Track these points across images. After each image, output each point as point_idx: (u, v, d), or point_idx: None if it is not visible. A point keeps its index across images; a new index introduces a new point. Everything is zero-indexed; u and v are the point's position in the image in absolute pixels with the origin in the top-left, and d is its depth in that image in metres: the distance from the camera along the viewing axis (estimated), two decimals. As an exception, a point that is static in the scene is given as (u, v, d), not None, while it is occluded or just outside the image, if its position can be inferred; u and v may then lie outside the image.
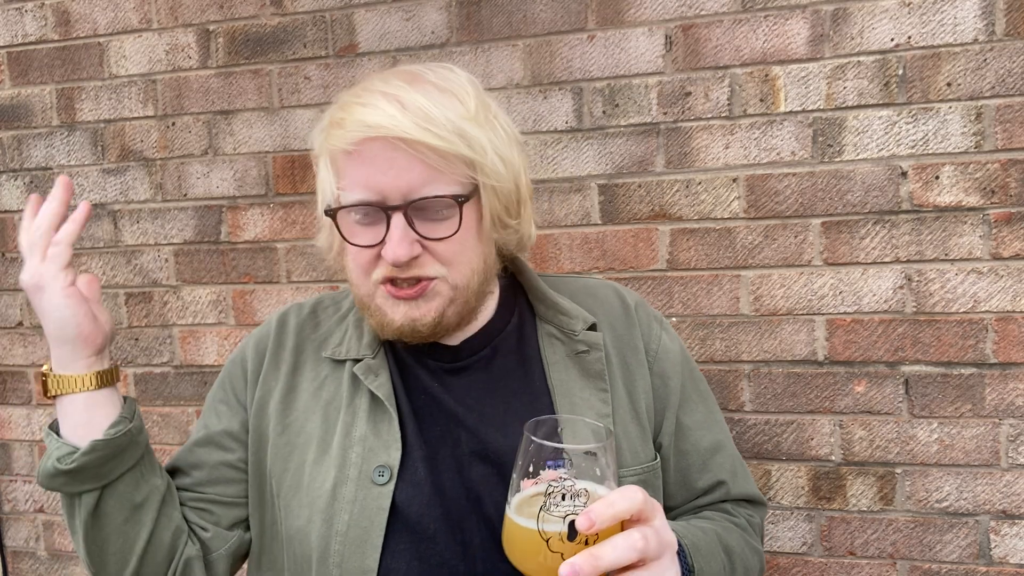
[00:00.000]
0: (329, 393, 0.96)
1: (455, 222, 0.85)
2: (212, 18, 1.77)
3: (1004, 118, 1.40)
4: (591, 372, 0.95)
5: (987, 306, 1.44)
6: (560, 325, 0.97)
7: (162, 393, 1.88)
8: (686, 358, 1.04)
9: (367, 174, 0.84)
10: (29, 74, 1.89)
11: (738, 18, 1.50)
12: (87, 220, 0.93)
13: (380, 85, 0.85)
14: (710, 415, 1.04)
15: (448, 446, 0.91)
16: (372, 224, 0.86)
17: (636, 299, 1.05)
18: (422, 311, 0.87)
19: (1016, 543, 1.46)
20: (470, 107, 0.85)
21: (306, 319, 1.04)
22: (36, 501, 2.00)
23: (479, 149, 0.84)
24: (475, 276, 0.90)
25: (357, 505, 0.87)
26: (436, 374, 0.96)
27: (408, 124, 0.80)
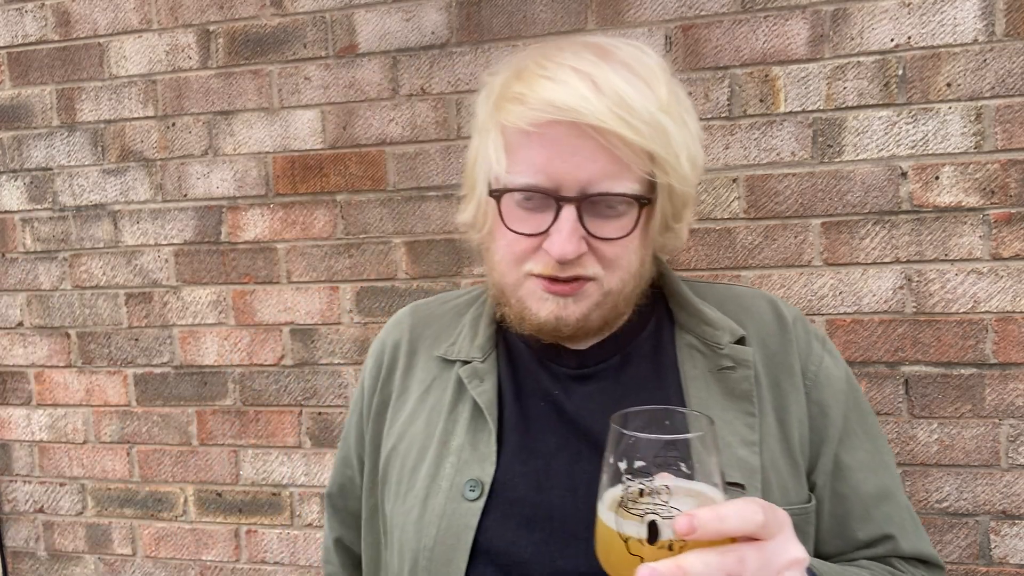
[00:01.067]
0: (435, 396, 0.89)
1: (629, 223, 0.76)
2: (212, 18, 1.77)
3: (1004, 118, 1.40)
4: (736, 392, 0.83)
5: (987, 306, 1.44)
6: (703, 336, 0.86)
7: (162, 393, 1.88)
8: (852, 386, 0.90)
9: (546, 158, 0.75)
10: (29, 74, 1.89)
11: (738, 18, 1.50)
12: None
13: (570, 58, 0.76)
14: (877, 455, 0.88)
15: (565, 461, 0.81)
16: (536, 211, 0.77)
17: (795, 313, 0.91)
18: (570, 311, 0.78)
19: (1016, 543, 1.46)
20: (663, 97, 0.75)
21: (422, 315, 0.98)
22: (36, 501, 2.01)
23: (673, 148, 0.75)
24: (630, 281, 0.81)
25: (445, 520, 0.80)
26: (559, 379, 0.86)
27: (603, 110, 0.71)
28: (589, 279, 0.78)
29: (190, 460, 1.88)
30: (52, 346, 1.95)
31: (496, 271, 0.83)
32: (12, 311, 1.97)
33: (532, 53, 0.80)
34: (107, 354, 1.91)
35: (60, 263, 1.92)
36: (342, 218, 1.74)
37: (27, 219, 1.93)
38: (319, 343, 1.78)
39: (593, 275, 0.78)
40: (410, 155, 1.69)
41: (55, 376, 1.96)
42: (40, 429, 1.98)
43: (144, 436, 1.91)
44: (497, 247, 0.82)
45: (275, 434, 1.83)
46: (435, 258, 1.69)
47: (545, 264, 0.77)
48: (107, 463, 1.94)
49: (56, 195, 1.90)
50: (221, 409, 1.85)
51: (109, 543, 1.96)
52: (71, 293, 1.92)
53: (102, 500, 1.95)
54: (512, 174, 0.77)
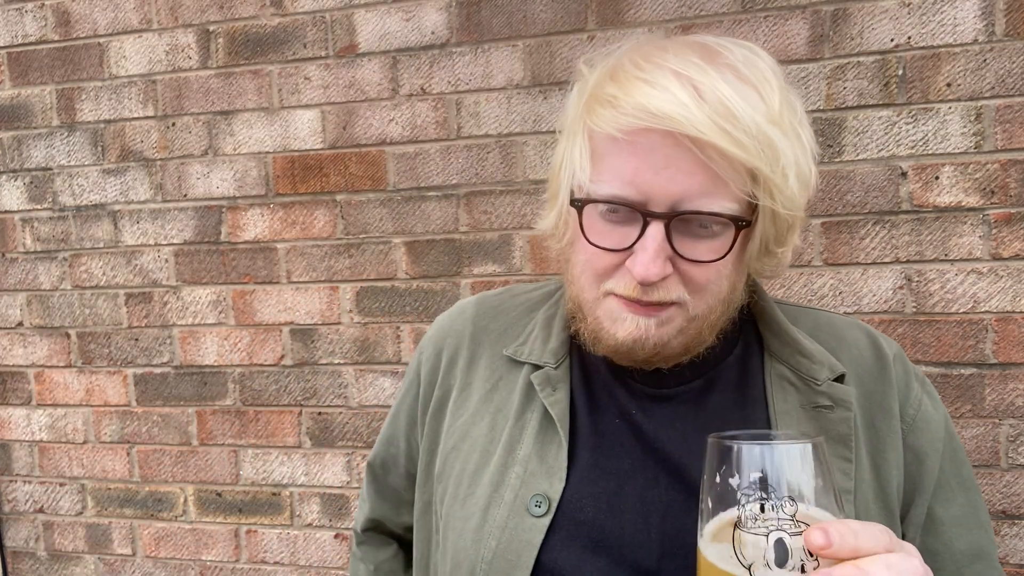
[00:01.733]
0: (501, 397, 0.84)
1: (723, 246, 0.69)
2: (212, 18, 1.77)
3: (1004, 118, 1.40)
4: (832, 434, 0.75)
5: (987, 306, 1.44)
6: (797, 368, 0.79)
7: (162, 393, 1.88)
8: (950, 433, 0.83)
9: (635, 169, 0.68)
10: (29, 74, 1.89)
11: (738, 18, 1.50)
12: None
13: (672, 60, 0.68)
14: (973, 511, 0.82)
15: (639, 485, 0.75)
16: (621, 224, 0.70)
17: (896, 350, 0.84)
18: (651, 333, 0.72)
19: (1016, 543, 1.46)
20: (774, 107, 0.68)
21: (488, 307, 0.91)
22: (36, 501, 2.01)
23: (780, 167, 0.67)
24: (718, 307, 0.74)
25: (507, 533, 0.75)
26: (637, 397, 0.80)
27: (703, 120, 0.64)
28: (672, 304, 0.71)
29: (190, 460, 1.88)
30: (52, 346, 1.95)
31: (575, 285, 0.77)
32: (12, 311, 1.97)
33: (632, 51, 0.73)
34: (107, 354, 1.91)
35: (60, 263, 1.92)
36: (342, 218, 1.74)
37: (27, 219, 1.93)
38: (319, 343, 1.78)
39: (678, 299, 0.71)
40: (410, 155, 1.69)
41: (55, 376, 1.96)
42: (40, 429, 1.98)
43: (144, 436, 1.91)
44: (577, 260, 0.76)
45: (275, 434, 1.83)
46: (435, 258, 1.69)
47: (627, 285, 0.71)
48: (107, 463, 1.94)
49: (56, 195, 1.91)
50: (221, 409, 1.85)
51: (109, 543, 1.96)
52: (71, 293, 1.92)
53: (102, 500, 1.95)
54: (597, 183, 0.70)
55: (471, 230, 1.67)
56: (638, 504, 0.74)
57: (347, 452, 1.78)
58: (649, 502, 0.74)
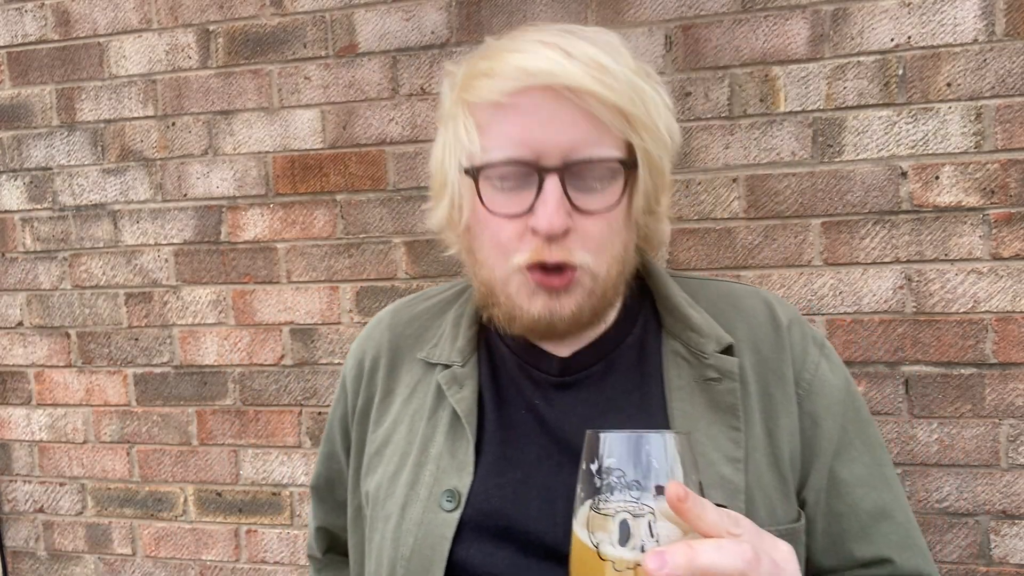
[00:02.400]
0: (418, 400, 0.86)
1: (616, 192, 0.72)
2: (212, 18, 1.77)
3: (1004, 118, 1.40)
4: (721, 405, 0.78)
5: (987, 306, 1.44)
6: (688, 343, 0.81)
7: (162, 393, 1.88)
8: (851, 395, 0.84)
9: (522, 127, 0.71)
10: (29, 74, 1.89)
11: (738, 18, 1.50)
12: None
13: (534, 34, 0.75)
14: (877, 469, 0.83)
15: (544, 473, 0.78)
16: (517, 190, 0.72)
17: (792, 315, 0.85)
18: (563, 304, 0.74)
19: (1016, 543, 1.46)
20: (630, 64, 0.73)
21: (403, 314, 0.94)
22: (36, 501, 2.01)
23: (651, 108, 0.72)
24: (615, 265, 0.77)
25: (422, 529, 0.78)
26: (541, 387, 0.82)
27: (578, 72, 0.69)
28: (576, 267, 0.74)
29: (190, 460, 1.88)
30: (52, 346, 1.95)
31: (484, 268, 0.79)
32: (12, 311, 1.97)
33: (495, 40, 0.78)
34: (107, 354, 1.91)
35: (60, 263, 1.92)
36: (342, 218, 1.74)
37: (27, 219, 1.93)
38: (319, 343, 1.78)
39: (580, 262, 0.73)
40: (410, 155, 1.69)
41: (55, 376, 1.96)
42: (40, 429, 1.98)
43: (144, 436, 1.91)
44: (481, 242, 0.78)
45: (275, 434, 1.83)
46: (435, 258, 1.69)
47: (533, 249, 0.73)
48: (107, 463, 1.94)
49: (56, 195, 1.90)
50: (221, 409, 1.85)
51: (109, 543, 1.96)
52: (71, 293, 1.92)
53: (102, 500, 1.95)
54: (487, 151, 0.73)
55: (471, 230, 1.67)
56: (544, 491, 0.76)
57: (347, 452, 1.78)
58: (554, 488, 0.76)
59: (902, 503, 0.84)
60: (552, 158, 0.71)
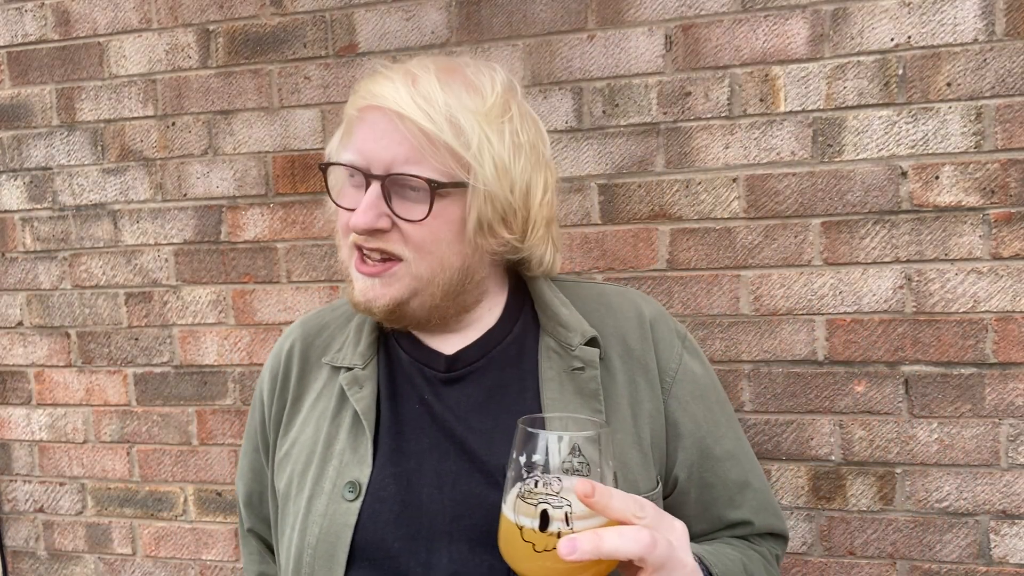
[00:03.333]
0: (324, 403, 0.94)
1: (426, 207, 0.82)
2: (212, 18, 1.77)
3: (1004, 118, 1.40)
4: (586, 391, 0.88)
5: (987, 306, 1.44)
6: (558, 337, 0.91)
7: (162, 393, 1.88)
8: (712, 382, 0.96)
9: (362, 138, 0.84)
10: (29, 74, 1.89)
11: (738, 18, 1.50)
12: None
13: (413, 65, 0.86)
14: (739, 444, 0.96)
15: (434, 460, 0.87)
16: (359, 189, 0.86)
17: (655, 312, 0.96)
18: (378, 292, 0.85)
19: (1016, 543, 1.46)
20: (486, 104, 0.83)
21: (312, 325, 1.02)
22: (36, 501, 2.01)
23: (465, 144, 0.81)
24: (445, 272, 0.86)
25: (327, 520, 0.86)
26: (431, 383, 0.91)
27: (406, 100, 0.80)
28: (397, 260, 0.84)
29: (190, 460, 1.88)
30: (52, 346, 1.95)
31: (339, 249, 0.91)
32: (12, 311, 1.97)
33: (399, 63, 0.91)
34: (107, 354, 1.91)
35: (60, 263, 1.92)
36: (342, 218, 1.74)
37: (27, 219, 1.93)
38: (319, 343, 1.78)
39: (401, 255, 0.84)
40: (410, 155, 1.69)
41: (55, 376, 1.96)
42: (40, 429, 1.98)
43: (144, 436, 1.91)
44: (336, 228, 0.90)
45: (275, 434, 1.82)
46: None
47: (354, 235, 0.85)
48: (107, 463, 1.94)
49: (56, 195, 1.90)
50: (221, 409, 1.85)
51: (109, 543, 1.96)
52: (71, 293, 1.92)
53: (102, 500, 1.95)
54: (340, 153, 0.87)
55: (471, 230, 1.67)
56: (433, 478, 0.86)
57: (347, 452, 1.78)
58: (442, 475, 0.86)
59: (758, 471, 0.98)
60: (377, 168, 0.83)
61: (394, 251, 0.84)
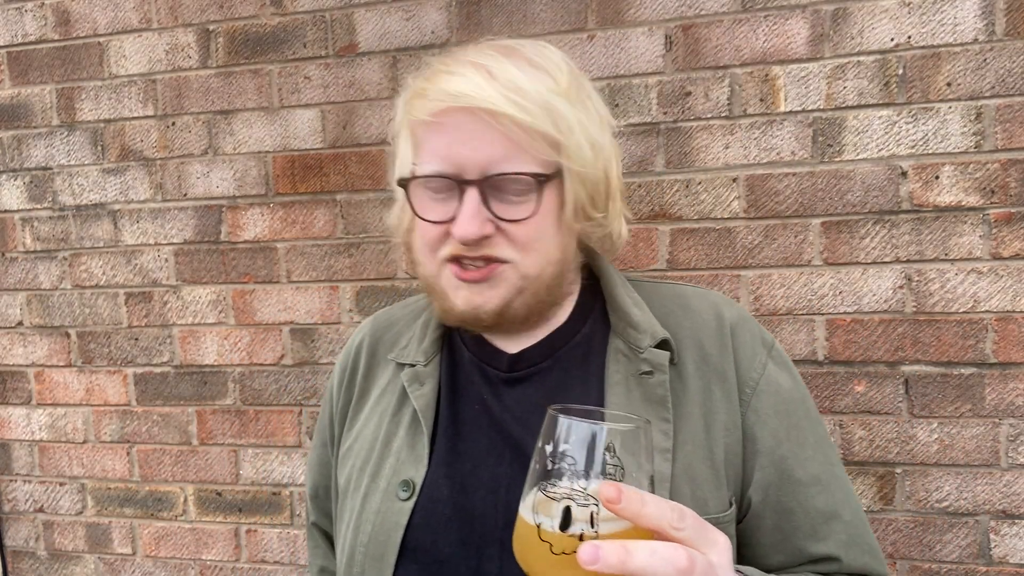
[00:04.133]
0: (387, 399, 0.92)
1: (532, 204, 0.78)
2: (212, 18, 1.77)
3: (1004, 118, 1.40)
4: (653, 397, 0.82)
5: (987, 306, 1.44)
6: (628, 339, 0.85)
7: (162, 393, 1.88)
8: (800, 398, 0.87)
9: (446, 144, 0.78)
10: (29, 74, 1.89)
11: (738, 18, 1.50)
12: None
13: (472, 55, 0.80)
14: (829, 468, 0.85)
15: (490, 463, 0.83)
16: (445, 199, 0.79)
17: (738, 316, 0.88)
18: (485, 297, 0.80)
19: (1016, 543, 1.46)
20: (562, 83, 0.79)
21: (382, 321, 1.01)
22: (36, 501, 2.01)
23: (565, 128, 0.77)
24: (549, 267, 0.81)
25: (379, 517, 0.84)
26: (492, 383, 0.87)
27: (494, 94, 0.75)
28: (502, 262, 0.79)
29: (190, 460, 1.88)
30: (52, 346, 1.95)
31: (419, 265, 0.86)
32: (12, 311, 1.97)
33: (443, 56, 0.84)
34: (107, 354, 1.91)
35: (60, 263, 1.92)
36: (342, 217, 1.74)
37: (27, 219, 1.93)
38: (319, 343, 1.78)
39: (506, 258, 0.79)
40: (410, 155, 1.69)
41: (55, 376, 1.96)
42: (40, 429, 1.98)
43: (144, 436, 1.91)
44: (416, 241, 0.85)
45: (275, 434, 1.83)
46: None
47: (455, 244, 0.79)
48: (107, 463, 1.94)
49: (56, 194, 1.90)
50: (221, 409, 1.85)
51: (109, 543, 1.96)
52: (71, 293, 1.92)
53: (102, 500, 1.95)
54: (420, 165, 0.80)
55: (471, 230, 1.67)
56: (489, 481, 0.82)
57: (347, 452, 1.78)
58: (497, 478, 0.81)
59: (851, 502, 0.86)
60: (472, 172, 0.77)
61: (499, 255, 0.79)
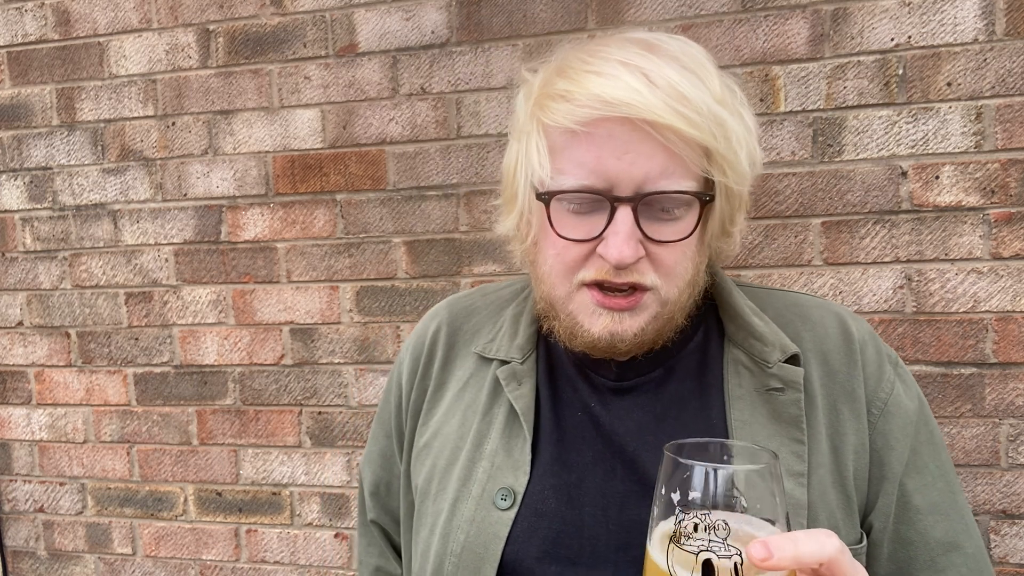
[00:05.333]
0: (471, 394, 0.85)
1: (689, 224, 0.71)
2: (212, 18, 1.77)
3: (1004, 118, 1.40)
4: (784, 416, 0.75)
5: (987, 306, 1.44)
6: (751, 351, 0.79)
7: (162, 393, 1.88)
8: (924, 420, 0.80)
9: (596, 157, 0.69)
10: (29, 74, 1.89)
11: (738, 18, 1.50)
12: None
13: (616, 52, 0.71)
14: (951, 497, 0.79)
15: (598, 477, 0.77)
16: (589, 214, 0.72)
17: (865, 331, 0.82)
18: (626, 325, 0.73)
19: (1016, 543, 1.46)
20: (716, 89, 0.71)
21: (460, 308, 0.93)
22: (36, 501, 2.01)
23: (732, 143, 0.70)
24: (685, 289, 0.75)
25: (474, 527, 0.77)
26: (599, 391, 0.81)
27: (658, 104, 0.66)
28: (646, 289, 0.72)
29: (190, 460, 1.88)
30: (52, 346, 1.95)
31: (545, 283, 0.77)
32: (12, 311, 1.97)
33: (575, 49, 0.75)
34: (107, 353, 1.91)
35: (60, 263, 1.92)
36: (342, 217, 1.74)
37: (27, 219, 1.93)
38: (319, 343, 1.78)
39: (651, 284, 0.72)
40: (410, 155, 1.69)
41: (55, 375, 1.96)
42: (40, 428, 1.98)
43: (144, 436, 1.91)
44: (545, 257, 0.76)
45: (275, 434, 1.83)
46: (435, 258, 1.69)
47: (599, 269, 0.72)
48: (107, 463, 1.94)
49: (56, 194, 1.90)
50: (221, 409, 1.85)
51: (109, 543, 1.96)
52: (71, 293, 1.92)
53: (102, 500, 1.95)
54: (560, 177, 0.72)
55: (471, 229, 1.67)
56: (598, 496, 0.76)
57: (347, 452, 1.78)
58: (608, 494, 0.75)
59: (973, 533, 0.80)
60: (625, 188, 0.69)
61: (645, 282, 0.72)
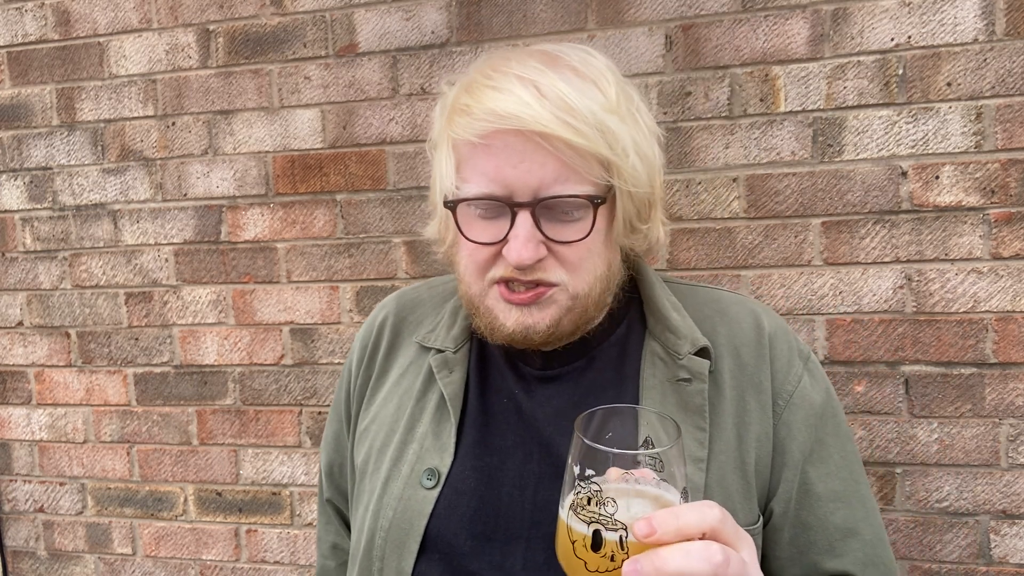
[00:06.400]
0: (409, 381, 0.91)
1: (586, 225, 0.76)
2: (212, 18, 1.77)
3: (1004, 118, 1.40)
4: (690, 405, 0.81)
5: (987, 306, 1.44)
6: (666, 344, 0.84)
7: (162, 393, 1.88)
8: (831, 413, 0.86)
9: (495, 166, 0.75)
10: (29, 74, 1.89)
11: (738, 18, 1.50)
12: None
13: (516, 67, 0.76)
14: (853, 486, 0.84)
15: (518, 459, 0.82)
16: (494, 219, 0.77)
17: (776, 326, 0.87)
18: (536, 318, 0.78)
19: (1016, 543, 1.46)
20: (611, 97, 0.75)
21: (407, 300, 0.99)
22: (36, 501, 2.01)
23: (620, 150, 0.74)
24: (597, 284, 0.80)
25: (402, 504, 0.83)
26: (525, 379, 0.87)
27: (546, 115, 0.71)
28: (552, 285, 0.78)
29: (190, 460, 1.88)
30: (52, 346, 1.95)
31: (463, 283, 0.84)
32: (12, 311, 1.97)
33: (483, 63, 0.81)
34: (107, 353, 1.91)
35: (60, 263, 1.92)
36: (342, 218, 1.74)
37: (27, 219, 1.93)
38: (319, 343, 1.78)
39: (556, 280, 0.77)
40: (410, 154, 1.69)
41: (55, 375, 1.96)
42: (40, 428, 1.98)
43: (144, 436, 1.91)
44: (461, 259, 0.83)
45: (275, 434, 1.83)
46: (435, 257, 1.69)
47: (506, 268, 0.77)
48: (107, 463, 1.94)
49: (56, 194, 1.90)
50: (221, 409, 1.85)
51: (109, 543, 1.96)
52: (71, 293, 1.92)
53: (102, 500, 1.95)
54: (465, 185, 0.78)
55: (471, 230, 1.67)
56: (516, 478, 0.81)
57: (347, 452, 1.79)
58: (525, 476, 0.81)
59: (873, 521, 0.85)
60: (523, 195, 0.75)
61: (550, 279, 0.77)
